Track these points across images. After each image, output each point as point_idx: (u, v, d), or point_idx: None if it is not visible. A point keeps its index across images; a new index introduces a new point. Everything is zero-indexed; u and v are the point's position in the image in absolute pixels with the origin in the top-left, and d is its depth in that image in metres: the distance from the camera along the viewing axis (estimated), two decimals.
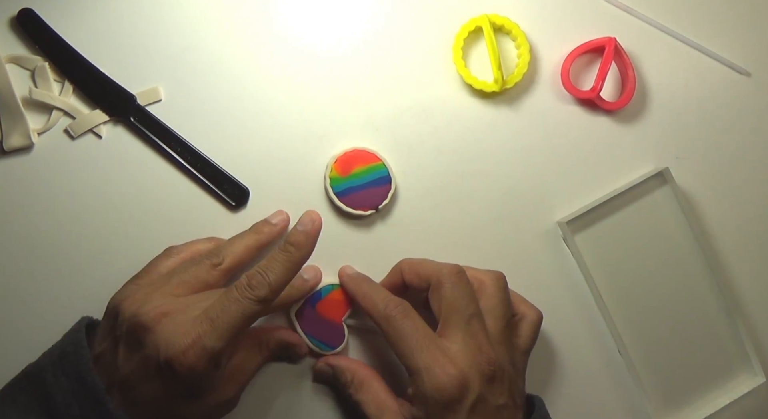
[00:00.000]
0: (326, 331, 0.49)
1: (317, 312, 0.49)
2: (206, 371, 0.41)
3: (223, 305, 0.41)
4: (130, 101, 0.50)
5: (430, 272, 0.46)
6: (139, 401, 0.41)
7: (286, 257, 0.42)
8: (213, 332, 0.40)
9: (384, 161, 0.50)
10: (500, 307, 0.46)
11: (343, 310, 0.50)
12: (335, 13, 0.52)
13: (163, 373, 0.41)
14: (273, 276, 0.42)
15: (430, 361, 0.42)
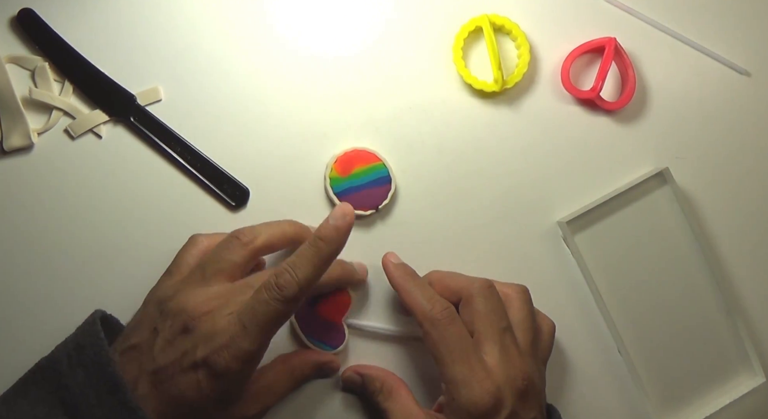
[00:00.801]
0: (326, 331, 0.49)
1: (316, 312, 0.49)
2: (240, 372, 0.41)
3: (253, 308, 0.41)
4: (130, 101, 0.50)
5: (461, 286, 0.46)
6: (167, 395, 0.41)
7: (314, 252, 0.41)
8: (246, 335, 0.40)
9: (384, 161, 0.50)
10: (528, 320, 0.46)
11: (343, 310, 0.50)
12: (335, 14, 0.52)
13: (199, 370, 0.41)
14: (301, 274, 0.41)
15: (468, 373, 0.42)
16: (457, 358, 0.43)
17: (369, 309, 0.51)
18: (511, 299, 0.47)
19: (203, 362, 0.40)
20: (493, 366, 0.43)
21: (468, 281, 0.46)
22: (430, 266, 0.51)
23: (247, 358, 0.41)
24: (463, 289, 0.46)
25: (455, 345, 0.43)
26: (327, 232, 0.42)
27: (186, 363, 0.41)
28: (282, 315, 0.41)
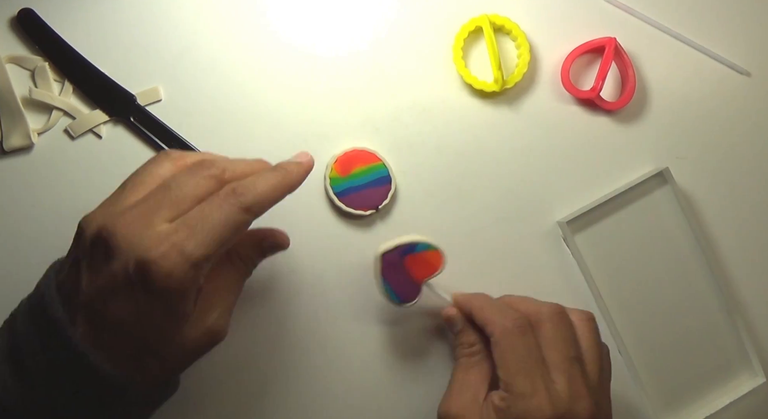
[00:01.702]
0: (403, 284, 0.49)
1: (403, 264, 0.48)
2: (185, 281, 0.36)
3: (203, 211, 0.37)
4: (130, 101, 0.50)
5: (531, 311, 0.45)
6: (107, 326, 0.37)
7: (276, 176, 0.39)
8: (192, 238, 0.36)
9: (384, 161, 0.50)
10: (595, 349, 0.45)
11: (428, 272, 0.49)
12: (335, 14, 0.52)
13: (136, 285, 0.36)
14: (261, 187, 0.38)
15: (530, 388, 0.41)
16: (522, 369, 0.42)
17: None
18: (576, 327, 0.45)
19: (140, 271, 0.35)
20: (559, 392, 0.42)
21: (537, 305, 0.45)
22: None
23: (193, 264, 0.36)
24: (532, 314, 0.44)
25: (524, 356, 0.42)
26: (290, 165, 0.41)
27: (119, 280, 0.36)
28: (235, 225, 0.37)
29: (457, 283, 0.51)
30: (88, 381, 0.37)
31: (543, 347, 0.43)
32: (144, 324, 0.37)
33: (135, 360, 0.38)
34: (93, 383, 0.37)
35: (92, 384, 0.37)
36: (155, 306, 0.36)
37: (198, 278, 0.37)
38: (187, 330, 0.38)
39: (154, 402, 0.41)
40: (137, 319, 0.37)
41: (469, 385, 0.44)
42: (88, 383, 0.37)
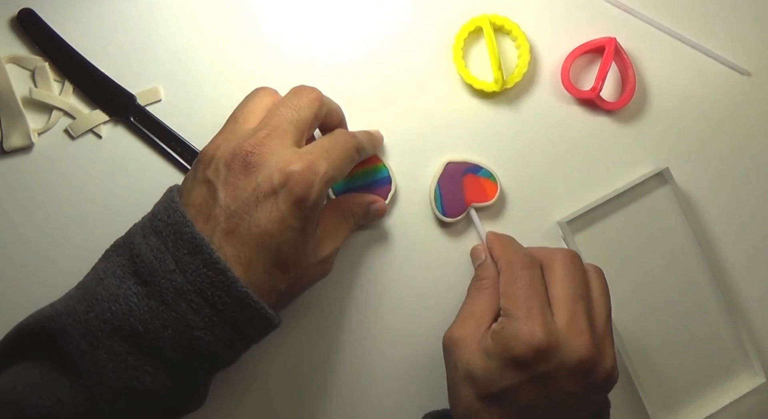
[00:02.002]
0: (453, 199, 0.50)
1: (461, 180, 0.50)
2: (319, 195, 0.41)
3: (336, 137, 0.43)
4: (130, 101, 0.50)
5: (544, 254, 0.45)
6: (247, 238, 0.39)
7: (370, 137, 0.48)
8: (325, 159, 0.41)
9: (384, 162, 0.51)
10: (605, 297, 0.45)
11: (480, 198, 0.51)
12: (335, 15, 0.52)
13: (278, 196, 0.40)
14: (365, 136, 0.47)
15: (526, 314, 0.41)
16: (521, 296, 0.42)
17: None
18: (589, 273, 0.45)
19: (282, 186, 0.40)
20: (558, 325, 0.41)
21: (552, 250, 0.46)
22: (429, 266, 0.51)
23: (326, 180, 0.41)
24: (547, 256, 0.45)
25: (525, 285, 0.43)
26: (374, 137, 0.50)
27: (261, 194, 0.40)
28: (351, 158, 0.44)
29: (457, 282, 0.51)
30: (227, 302, 0.39)
31: (550, 285, 0.43)
32: (281, 231, 0.40)
33: (268, 275, 0.40)
34: (233, 304, 0.39)
35: (232, 304, 0.39)
36: (294, 215, 0.40)
37: (324, 196, 0.42)
38: (310, 251, 0.43)
39: (257, 336, 0.43)
40: (276, 226, 0.40)
41: (474, 315, 0.45)
42: (228, 303, 0.39)
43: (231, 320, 0.40)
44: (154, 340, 0.39)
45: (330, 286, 0.51)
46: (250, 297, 0.39)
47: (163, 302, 0.39)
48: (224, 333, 0.40)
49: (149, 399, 0.40)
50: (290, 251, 0.41)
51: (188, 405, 0.42)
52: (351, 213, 0.47)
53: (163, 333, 0.39)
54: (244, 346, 0.42)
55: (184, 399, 0.41)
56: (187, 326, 0.39)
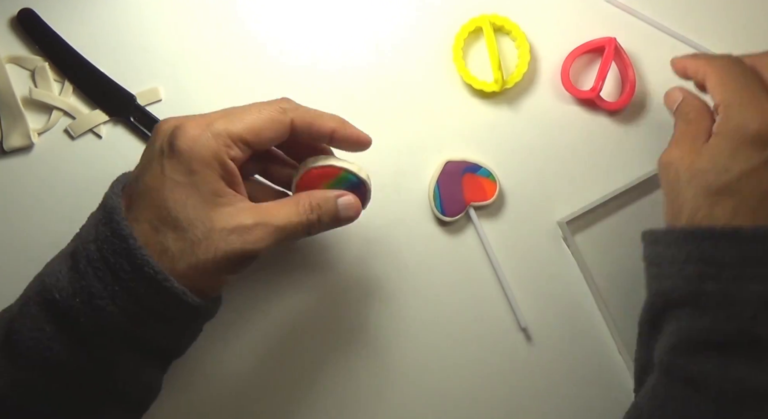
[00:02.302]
0: (452, 198, 0.50)
1: (460, 180, 0.50)
2: (205, 148, 0.39)
3: (245, 108, 0.41)
4: (130, 101, 0.50)
5: None
6: (137, 196, 0.40)
7: (333, 116, 0.44)
8: (225, 120, 0.40)
9: (346, 169, 0.44)
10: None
11: (479, 197, 0.51)
12: (335, 15, 0.52)
13: (165, 152, 0.40)
14: (311, 111, 0.43)
15: (749, 96, 0.41)
16: (741, 85, 0.42)
17: None
18: None
19: (169, 143, 0.40)
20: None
21: None
22: (428, 265, 0.51)
23: (216, 133, 0.39)
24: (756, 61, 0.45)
25: (740, 76, 0.42)
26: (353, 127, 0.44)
27: (154, 156, 0.40)
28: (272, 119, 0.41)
29: (456, 281, 0.51)
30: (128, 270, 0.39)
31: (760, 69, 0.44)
32: (166, 189, 0.39)
33: (155, 231, 0.39)
34: (133, 272, 0.39)
35: (132, 272, 0.39)
36: (174, 168, 0.39)
37: (220, 152, 0.40)
38: (217, 215, 0.40)
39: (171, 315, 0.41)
40: (161, 182, 0.39)
41: (688, 135, 0.44)
42: (129, 271, 0.39)
43: (133, 290, 0.39)
44: (65, 308, 0.39)
45: (329, 285, 0.51)
46: (151, 266, 0.38)
47: (77, 270, 0.39)
48: (127, 304, 0.39)
49: (69, 375, 0.39)
50: (177, 207, 0.39)
51: (123, 393, 0.41)
52: (309, 204, 0.43)
53: (72, 301, 0.39)
54: (162, 326, 0.40)
55: (113, 384, 0.41)
56: (91, 294, 0.39)
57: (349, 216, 0.44)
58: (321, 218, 0.43)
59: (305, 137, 0.43)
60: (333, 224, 0.44)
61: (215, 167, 0.40)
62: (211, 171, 0.40)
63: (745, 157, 0.40)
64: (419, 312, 0.51)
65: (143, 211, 0.40)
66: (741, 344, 0.39)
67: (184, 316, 0.41)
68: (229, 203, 0.40)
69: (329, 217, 0.43)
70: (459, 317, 0.51)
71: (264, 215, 0.41)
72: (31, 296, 0.40)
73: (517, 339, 0.51)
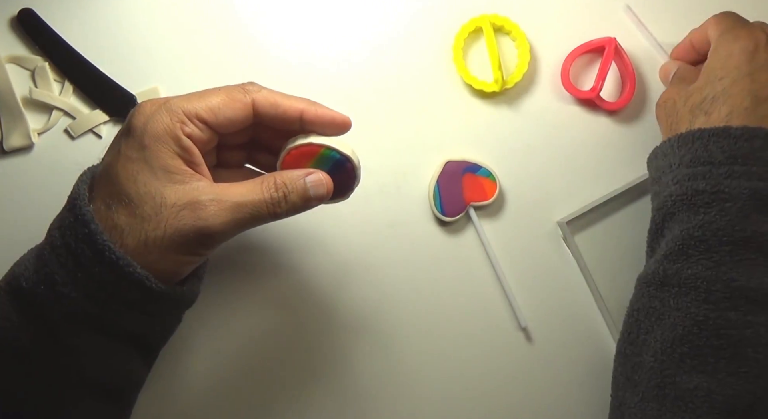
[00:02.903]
0: (452, 198, 0.50)
1: (461, 180, 0.50)
2: (159, 123, 0.39)
3: (207, 90, 0.41)
4: (130, 101, 0.50)
5: None
6: (97, 178, 0.40)
7: (300, 98, 0.43)
8: (183, 99, 0.40)
9: (328, 145, 0.42)
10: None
11: (479, 197, 0.51)
12: (335, 14, 0.52)
13: (123, 132, 0.40)
14: (275, 93, 0.42)
15: (740, 25, 0.45)
16: (733, 21, 0.45)
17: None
18: None
19: (126, 122, 0.40)
20: None
21: None
22: (428, 264, 0.51)
23: (170, 110, 0.39)
24: None
25: (735, 18, 0.46)
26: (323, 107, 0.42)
27: (115, 139, 0.40)
28: (234, 95, 0.41)
29: (456, 280, 0.51)
30: (89, 255, 0.38)
31: None
32: (118, 164, 0.39)
33: (107, 208, 0.39)
34: (94, 257, 0.38)
35: (93, 257, 0.38)
36: (127, 144, 0.39)
37: (173, 128, 0.39)
38: (168, 191, 0.39)
39: (137, 301, 0.40)
40: (114, 158, 0.39)
41: (684, 81, 0.47)
42: (90, 257, 0.38)
43: (95, 276, 0.38)
44: (30, 296, 0.39)
45: (328, 284, 0.51)
46: (112, 251, 0.38)
47: (41, 257, 0.39)
48: (90, 290, 0.38)
49: (37, 363, 0.39)
50: (128, 182, 0.39)
51: (97, 381, 0.41)
52: (274, 183, 0.41)
53: (37, 289, 0.39)
54: (128, 312, 0.40)
55: (84, 372, 0.40)
56: (54, 280, 0.38)
57: (319, 195, 0.41)
58: (288, 196, 0.41)
59: (273, 121, 0.42)
60: (302, 203, 0.41)
61: (168, 142, 0.39)
62: (163, 147, 0.39)
63: (735, 66, 0.43)
64: (419, 312, 0.51)
65: (99, 189, 0.40)
66: (730, 243, 0.40)
67: (151, 302, 0.40)
68: (183, 180, 0.39)
69: (297, 196, 0.41)
70: (459, 316, 0.51)
71: (221, 192, 0.39)
72: (2, 285, 0.40)
73: (517, 339, 0.51)
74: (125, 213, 0.38)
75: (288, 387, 0.51)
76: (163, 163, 0.39)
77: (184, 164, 0.39)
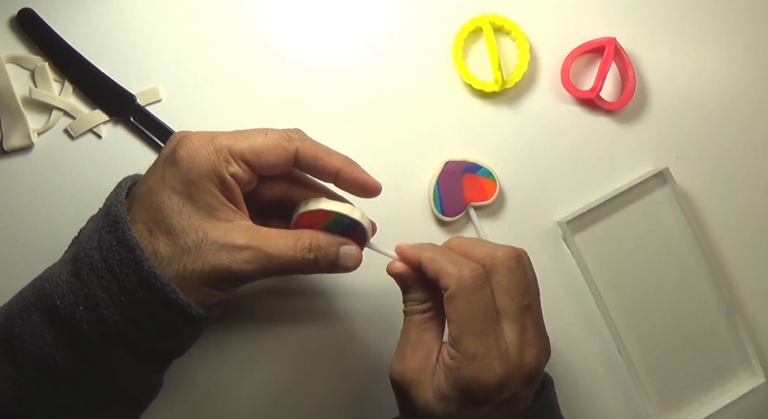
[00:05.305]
0: (452, 198, 0.50)
1: (460, 180, 0.50)
2: (203, 160, 0.40)
3: (258, 129, 0.42)
4: (130, 101, 0.50)
5: (484, 255, 0.41)
6: (136, 199, 0.41)
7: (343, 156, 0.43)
8: (229, 137, 0.41)
9: (336, 212, 0.42)
10: (537, 286, 0.43)
11: (479, 198, 0.51)
12: (335, 14, 0.52)
13: (167, 160, 0.41)
14: (319, 145, 0.43)
15: (483, 350, 0.39)
16: (477, 330, 0.39)
17: None
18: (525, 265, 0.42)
19: (171, 151, 0.40)
20: (509, 348, 0.40)
21: (491, 249, 0.42)
22: None
23: (217, 148, 0.40)
24: (486, 258, 0.41)
25: (478, 315, 0.39)
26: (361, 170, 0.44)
27: (158, 163, 0.41)
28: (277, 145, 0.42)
29: None
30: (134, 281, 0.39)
31: (496, 294, 0.40)
32: (164, 193, 0.40)
33: (149, 233, 0.40)
34: (140, 283, 0.39)
35: (139, 283, 0.39)
36: (173, 175, 0.40)
37: (219, 166, 0.40)
38: (210, 227, 0.40)
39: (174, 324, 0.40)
40: (159, 186, 0.40)
41: (424, 345, 0.42)
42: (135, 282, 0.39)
43: (138, 301, 0.39)
44: (68, 316, 0.39)
45: (328, 286, 0.51)
46: (158, 278, 0.38)
47: (79, 278, 0.39)
48: (131, 314, 0.39)
49: (71, 380, 0.40)
50: (173, 213, 0.40)
51: (124, 395, 0.42)
52: (310, 243, 0.42)
53: (75, 309, 0.39)
54: (165, 335, 0.41)
55: (115, 387, 0.41)
56: (95, 303, 0.39)
57: (347, 266, 0.43)
58: (318, 260, 0.42)
59: (311, 171, 0.43)
60: (329, 269, 0.43)
61: (213, 180, 0.40)
62: (208, 183, 0.40)
63: (474, 413, 0.40)
64: None
65: (140, 212, 0.40)
66: None
67: (188, 326, 0.41)
68: (225, 218, 0.41)
69: (327, 262, 0.42)
70: None
71: (258, 239, 0.41)
72: (31, 300, 0.40)
73: None
74: (167, 242, 0.40)
75: (277, 393, 0.51)
76: (207, 200, 0.40)
77: (227, 201, 0.41)
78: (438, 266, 0.41)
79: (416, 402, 0.41)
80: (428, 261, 0.42)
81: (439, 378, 0.40)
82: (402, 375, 0.41)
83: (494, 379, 0.39)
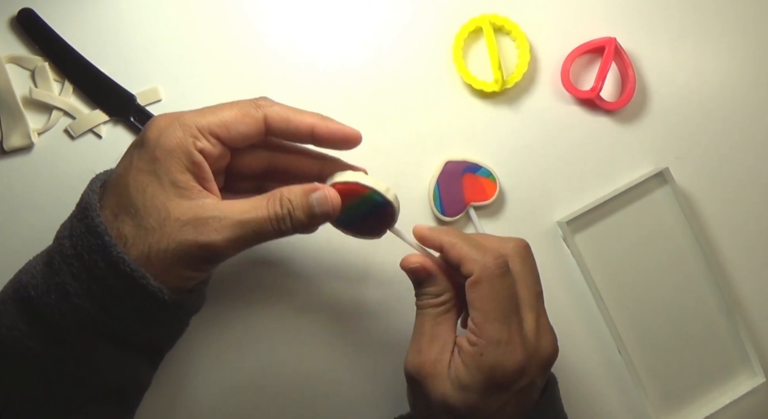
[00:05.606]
0: (452, 198, 0.50)
1: (460, 180, 0.50)
2: (171, 137, 0.39)
3: (224, 103, 0.41)
4: (130, 101, 0.50)
5: (495, 247, 0.42)
6: (107, 187, 0.40)
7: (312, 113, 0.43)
8: (197, 114, 0.40)
9: (371, 188, 0.41)
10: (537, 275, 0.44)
11: (479, 197, 0.51)
12: (335, 14, 0.52)
13: (137, 144, 0.40)
14: (287, 108, 0.42)
15: (506, 335, 0.39)
16: (501, 316, 0.40)
17: None
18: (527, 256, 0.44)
19: (140, 135, 0.40)
20: (528, 334, 0.41)
21: (501, 240, 0.43)
22: None
23: (183, 124, 0.39)
24: (500, 248, 0.42)
25: (503, 301, 0.40)
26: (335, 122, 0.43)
27: (129, 150, 0.41)
28: (246, 111, 0.41)
29: None
30: (103, 267, 0.39)
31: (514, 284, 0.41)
32: (130, 175, 0.39)
33: (114, 217, 0.39)
34: (108, 269, 0.39)
35: (107, 269, 0.39)
36: (140, 156, 0.40)
37: (186, 142, 0.39)
38: (174, 205, 0.39)
39: (148, 311, 0.40)
40: (126, 168, 0.40)
41: (439, 337, 0.42)
42: (103, 268, 0.39)
43: (108, 287, 0.39)
44: (41, 305, 0.39)
45: (327, 285, 0.51)
46: (127, 264, 0.38)
47: (51, 267, 0.39)
48: (103, 300, 0.39)
49: (48, 370, 0.39)
50: (137, 193, 0.39)
51: (106, 386, 0.41)
52: (279, 199, 0.40)
53: (48, 299, 0.39)
54: (142, 321, 0.40)
55: (95, 377, 0.40)
56: (66, 291, 0.39)
57: (325, 211, 0.41)
58: (292, 212, 0.40)
59: (285, 136, 0.42)
60: (308, 220, 0.41)
61: (180, 156, 0.39)
62: (174, 161, 0.39)
63: (495, 400, 0.40)
64: None
65: (109, 198, 0.40)
66: None
67: (163, 312, 0.40)
68: (190, 196, 0.39)
69: (302, 212, 0.40)
70: None
71: (224, 209, 0.39)
72: (9, 293, 0.40)
73: None
74: (131, 224, 0.39)
75: (276, 394, 0.51)
76: (172, 177, 0.39)
77: (194, 179, 0.40)
78: (461, 252, 0.41)
79: (433, 394, 0.41)
80: (450, 246, 0.41)
81: (458, 368, 0.40)
82: (419, 368, 0.41)
83: (516, 364, 0.40)
